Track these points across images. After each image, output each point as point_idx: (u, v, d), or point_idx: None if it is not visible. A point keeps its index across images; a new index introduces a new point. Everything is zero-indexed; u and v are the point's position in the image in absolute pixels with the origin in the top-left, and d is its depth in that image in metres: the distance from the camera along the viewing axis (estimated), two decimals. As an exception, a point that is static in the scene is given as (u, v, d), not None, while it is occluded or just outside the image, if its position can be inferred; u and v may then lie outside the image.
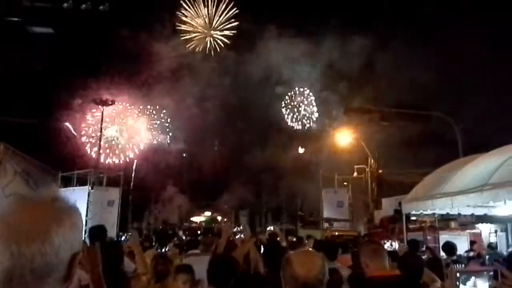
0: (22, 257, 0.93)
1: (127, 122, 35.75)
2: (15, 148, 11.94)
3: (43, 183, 13.65)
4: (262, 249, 6.72)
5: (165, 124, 38.53)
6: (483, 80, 26.25)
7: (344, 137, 26.00)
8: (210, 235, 13.81)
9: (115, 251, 3.77)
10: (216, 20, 39.37)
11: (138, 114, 36.48)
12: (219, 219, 37.12)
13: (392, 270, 3.29)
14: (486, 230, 11.80)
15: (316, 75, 35.62)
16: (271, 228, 27.96)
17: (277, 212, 37.28)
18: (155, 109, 37.29)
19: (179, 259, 6.22)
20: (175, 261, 5.21)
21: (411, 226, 11.58)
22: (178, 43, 37.03)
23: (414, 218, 10.96)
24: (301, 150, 35.70)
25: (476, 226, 11.43)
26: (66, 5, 20.43)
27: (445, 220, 11.25)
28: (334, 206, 21.10)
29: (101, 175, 17.61)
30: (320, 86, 37.02)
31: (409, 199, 9.28)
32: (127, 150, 35.50)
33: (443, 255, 8.01)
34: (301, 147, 35.78)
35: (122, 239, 7.38)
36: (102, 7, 20.90)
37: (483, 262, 7.58)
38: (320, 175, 22.17)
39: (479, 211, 8.83)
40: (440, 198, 7.56)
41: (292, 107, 38.92)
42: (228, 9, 38.85)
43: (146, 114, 37.20)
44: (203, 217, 37.35)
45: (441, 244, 9.19)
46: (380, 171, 20.76)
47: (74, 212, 1.05)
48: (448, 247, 7.86)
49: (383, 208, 18.14)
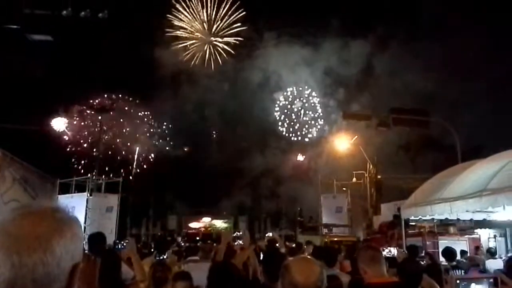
0: (23, 267, 0.92)
1: (126, 128, 35.76)
2: (14, 155, 11.91)
3: (42, 190, 13.62)
4: (261, 255, 6.69)
5: (164, 130, 38.55)
6: (482, 85, 26.38)
7: (343, 142, 26.02)
8: (209, 241, 13.78)
9: (113, 259, 3.77)
10: (216, 25, 37.94)
11: (136, 121, 36.51)
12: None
13: (390, 277, 3.29)
14: (485, 235, 11.79)
15: (315, 81, 35.68)
16: (270, 234, 27.87)
17: (276, 218, 37.17)
18: (154, 115, 37.33)
19: (178, 266, 6.20)
20: (173, 268, 5.19)
21: (410, 232, 11.58)
22: (177, 50, 37.00)
23: (413, 224, 10.96)
24: (300, 158, 35.42)
25: (475, 231, 11.43)
26: (65, 12, 20.46)
27: (444, 225, 11.25)
28: (333, 212, 21.09)
29: (99, 182, 17.60)
30: (319, 92, 37.02)
31: (408, 205, 9.28)
32: (126, 156, 35.46)
33: (442, 260, 7.98)
34: (300, 155, 35.58)
35: (119, 246, 7.33)
36: (101, 14, 20.95)
37: (483, 269, 7.55)
38: (319, 180, 22.15)
39: (478, 216, 8.84)
40: (439, 203, 7.56)
41: (289, 113, 38.23)
42: (230, 12, 37.04)
43: (145, 120, 37.24)
44: (202, 223, 37.08)
45: (440, 249, 9.17)
46: (379, 176, 20.75)
47: (74, 222, 1.05)
48: (448, 252, 7.82)
49: (382, 214, 18.13)
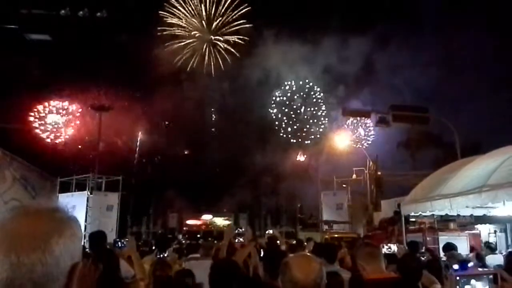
0: (22, 267, 0.92)
1: (126, 126, 35.69)
2: (14, 154, 11.92)
3: (42, 189, 13.64)
4: (262, 253, 6.70)
5: (164, 128, 38.50)
6: (482, 82, 26.42)
7: (343, 139, 26.04)
8: (210, 239, 13.80)
9: (111, 258, 3.79)
10: (216, 22, 36.80)
11: (136, 119, 36.45)
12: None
13: (389, 273, 3.30)
14: (485, 231, 11.80)
15: (316, 78, 35.54)
16: (271, 231, 27.92)
17: (276, 215, 37.22)
18: (153, 113, 37.26)
19: (179, 263, 6.22)
20: (174, 266, 5.21)
21: (410, 228, 11.58)
22: (176, 49, 36.74)
23: (414, 220, 10.96)
24: (301, 158, 35.13)
25: (476, 226, 11.43)
26: (63, 12, 20.45)
27: (444, 221, 11.24)
28: (333, 209, 21.13)
29: (99, 180, 17.60)
30: (320, 88, 36.81)
31: (408, 201, 9.28)
32: (126, 154, 35.42)
33: (443, 256, 7.99)
34: (301, 154, 35.33)
35: (119, 245, 7.34)
36: (99, 13, 20.94)
37: (483, 265, 7.55)
38: (319, 177, 22.17)
39: (478, 212, 8.84)
40: (439, 199, 7.56)
41: (289, 111, 37.77)
42: (231, 8, 35.85)
43: (145, 118, 37.16)
44: (202, 220, 37.08)
45: (440, 245, 9.17)
46: (379, 173, 20.76)
47: (74, 222, 1.04)
48: (449, 248, 7.82)
49: (382, 210, 18.12)
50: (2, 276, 0.92)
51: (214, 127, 39.97)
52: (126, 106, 34.55)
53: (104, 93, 33.26)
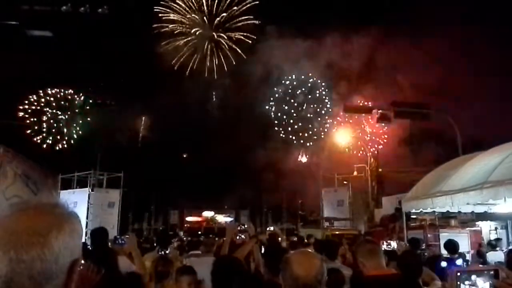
0: (20, 263, 0.91)
1: (128, 122, 35.72)
2: (15, 151, 11.93)
3: (43, 186, 13.65)
4: (263, 249, 6.71)
5: (164, 126, 38.44)
6: (484, 78, 26.33)
7: (344, 136, 26.01)
8: (211, 235, 13.82)
9: (109, 255, 3.81)
10: (219, 17, 36.26)
11: (138, 115, 36.48)
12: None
13: (389, 269, 3.30)
14: (486, 228, 11.80)
15: (318, 74, 35.28)
16: (272, 228, 27.96)
17: (277, 212, 37.25)
18: (155, 109, 37.21)
19: (180, 260, 6.24)
20: (176, 262, 5.22)
21: (411, 224, 11.59)
22: (178, 45, 36.62)
23: (414, 216, 10.96)
24: (302, 158, 34.93)
25: (477, 223, 11.43)
26: (64, 8, 20.44)
27: (445, 218, 11.23)
28: (334, 205, 21.14)
29: (101, 177, 17.62)
30: (325, 84, 36.47)
31: (409, 198, 9.28)
32: (127, 151, 35.43)
33: (444, 253, 7.97)
34: (302, 154, 35.11)
35: (120, 241, 7.34)
36: (101, 9, 20.92)
37: (484, 262, 7.55)
38: (320, 174, 22.17)
39: (479, 209, 8.83)
40: (440, 196, 7.56)
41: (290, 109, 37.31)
42: (234, 2, 35.35)
43: (146, 114, 37.15)
44: (203, 217, 37.16)
45: (441, 242, 9.16)
46: (380, 169, 20.77)
47: (74, 218, 1.03)
48: (450, 245, 7.79)
49: (384, 207, 18.13)
50: (1, 272, 0.91)
51: (215, 123, 39.90)
52: (126, 102, 34.61)
53: (107, 89, 33.31)
